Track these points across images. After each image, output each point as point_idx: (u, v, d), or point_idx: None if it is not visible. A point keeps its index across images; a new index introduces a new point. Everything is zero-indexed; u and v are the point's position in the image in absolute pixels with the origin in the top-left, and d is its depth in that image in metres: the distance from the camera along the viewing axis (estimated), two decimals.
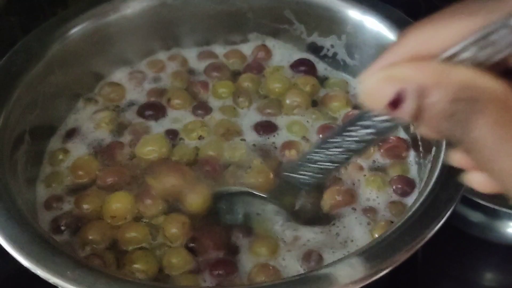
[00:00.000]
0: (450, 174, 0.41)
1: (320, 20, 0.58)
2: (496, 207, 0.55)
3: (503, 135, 0.23)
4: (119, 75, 0.59)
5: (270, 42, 0.62)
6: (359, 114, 0.32)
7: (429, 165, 0.45)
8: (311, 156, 0.39)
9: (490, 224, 0.57)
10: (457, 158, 0.29)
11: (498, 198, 0.55)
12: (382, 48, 0.53)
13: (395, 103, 0.25)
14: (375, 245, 0.37)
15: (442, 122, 0.24)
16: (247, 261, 0.44)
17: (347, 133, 0.34)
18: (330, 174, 0.42)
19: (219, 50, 0.62)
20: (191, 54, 0.61)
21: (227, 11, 0.60)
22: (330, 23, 0.57)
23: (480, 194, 0.52)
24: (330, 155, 0.38)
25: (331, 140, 0.36)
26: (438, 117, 0.24)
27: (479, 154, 0.24)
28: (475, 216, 0.57)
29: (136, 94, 0.57)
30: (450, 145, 0.28)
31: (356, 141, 0.34)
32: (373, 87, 0.25)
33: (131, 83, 0.58)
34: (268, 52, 0.61)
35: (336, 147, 0.37)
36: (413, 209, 0.40)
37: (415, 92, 0.24)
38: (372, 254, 0.37)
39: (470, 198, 0.54)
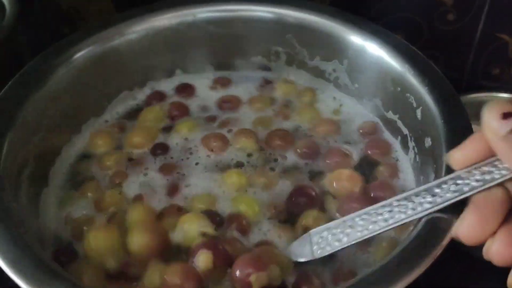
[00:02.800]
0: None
1: (322, 45, 0.58)
2: None
3: None
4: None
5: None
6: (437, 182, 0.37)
7: None
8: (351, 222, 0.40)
9: None
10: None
11: None
12: (383, 74, 0.54)
13: (507, 115, 0.32)
14: (374, 273, 0.37)
15: None
16: None
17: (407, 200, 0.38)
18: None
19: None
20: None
21: (230, 35, 0.60)
22: (332, 48, 0.58)
23: None
24: (374, 221, 0.39)
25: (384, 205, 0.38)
26: None
27: None
28: None
29: None
30: None
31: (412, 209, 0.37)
32: (497, 103, 0.32)
33: None
34: None
35: (387, 213, 0.38)
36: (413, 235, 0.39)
37: None
38: (370, 282, 0.36)
39: None
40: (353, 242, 0.40)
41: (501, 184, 0.34)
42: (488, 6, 0.65)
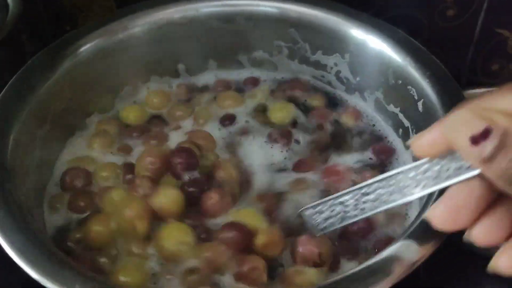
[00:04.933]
0: None
1: (324, 39, 0.59)
2: None
3: None
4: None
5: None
6: (420, 163, 0.33)
7: None
8: (342, 199, 0.39)
9: None
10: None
11: None
12: (384, 67, 0.55)
13: (478, 138, 0.27)
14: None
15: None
16: None
17: (393, 181, 0.35)
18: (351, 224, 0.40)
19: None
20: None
21: (233, 30, 0.61)
22: (334, 42, 0.58)
23: None
24: (364, 201, 0.37)
25: (373, 184, 0.36)
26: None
27: None
28: None
29: None
30: None
31: (399, 192, 0.35)
32: (465, 117, 0.28)
33: None
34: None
35: (376, 194, 0.37)
36: (415, 224, 0.40)
37: (499, 134, 0.26)
38: (371, 270, 0.37)
39: None
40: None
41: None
42: (488, 1, 0.65)
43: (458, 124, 0.28)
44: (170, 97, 0.61)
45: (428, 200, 0.41)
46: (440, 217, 0.31)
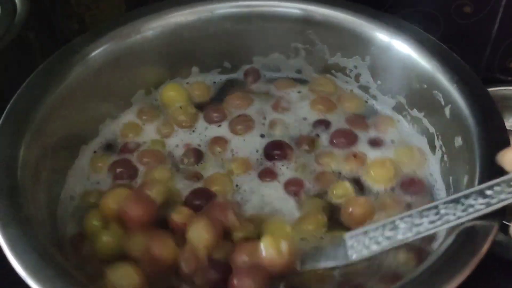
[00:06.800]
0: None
1: (344, 41, 0.57)
2: None
3: None
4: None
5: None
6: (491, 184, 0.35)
7: None
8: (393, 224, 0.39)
9: None
10: None
11: None
12: (408, 70, 0.53)
13: None
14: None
15: None
16: None
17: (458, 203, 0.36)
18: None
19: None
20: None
21: (248, 31, 0.59)
22: (354, 44, 0.57)
23: None
24: (419, 224, 0.38)
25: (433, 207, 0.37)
26: None
27: None
28: (498, 236, 0.56)
29: None
30: None
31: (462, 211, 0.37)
32: None
33: None
34: None
35: (433, 215, 0.37)
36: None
37: None
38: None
39: None
40: (395, 245, 0.39)
41: None
42: None
43: None
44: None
45: None
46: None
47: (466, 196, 0.37)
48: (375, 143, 0.54)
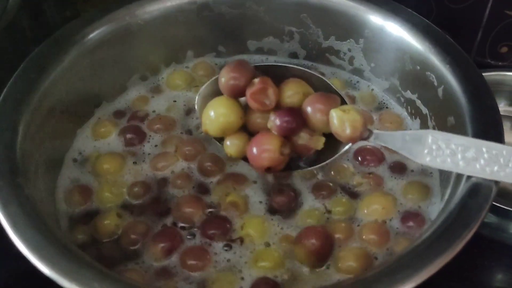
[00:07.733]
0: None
1: (338, 24, 0.57)
2: (508, 208, 0.54)
3: None
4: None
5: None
6: None
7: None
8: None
9: (502, 225, 0.57)
10: None
11: (510, 199, 0.55)
12: (401, 51, 0.54)
13: None
14: (399, 260, 0.37)
15: None
16: None
17: None
18: None
19: None
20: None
21: (243, 15, 0.59)
22: (348, 27, 0.57)
23: None
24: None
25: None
26: None
27: None
28: (487, 217, 0.56)
29: None
30: None
31: None
32: None
33: None
34: None
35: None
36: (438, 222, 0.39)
37: None
38: (395, 269, 0.36)
39: None
40: (462, 173, 0.39)
41: None
42: None
43: None
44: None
45: None
46: None
47: None
48: None
